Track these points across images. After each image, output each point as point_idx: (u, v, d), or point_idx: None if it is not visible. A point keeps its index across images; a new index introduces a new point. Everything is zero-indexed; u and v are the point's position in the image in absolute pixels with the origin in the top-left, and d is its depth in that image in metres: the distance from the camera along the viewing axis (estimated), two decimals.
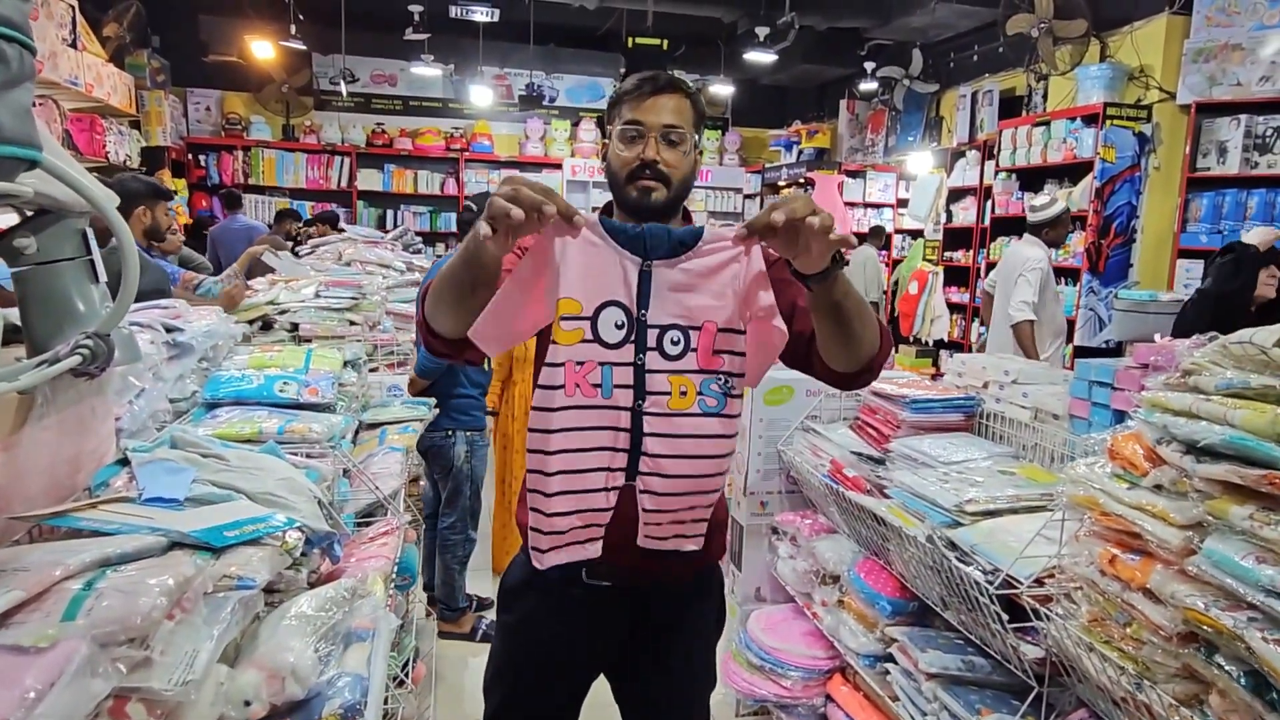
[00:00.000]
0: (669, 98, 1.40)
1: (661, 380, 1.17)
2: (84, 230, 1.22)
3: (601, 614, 1.49)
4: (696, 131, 1.44)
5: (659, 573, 1.44)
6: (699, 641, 1.59)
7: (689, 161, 1.43)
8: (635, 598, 1.48)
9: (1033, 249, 4.11)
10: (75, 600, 0.80)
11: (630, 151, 1.40)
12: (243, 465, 1.32)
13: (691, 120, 1.43)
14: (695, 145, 1.45)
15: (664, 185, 1.41)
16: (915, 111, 8.48)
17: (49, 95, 5.15)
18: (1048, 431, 2.03)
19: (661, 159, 1.39)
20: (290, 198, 9.34)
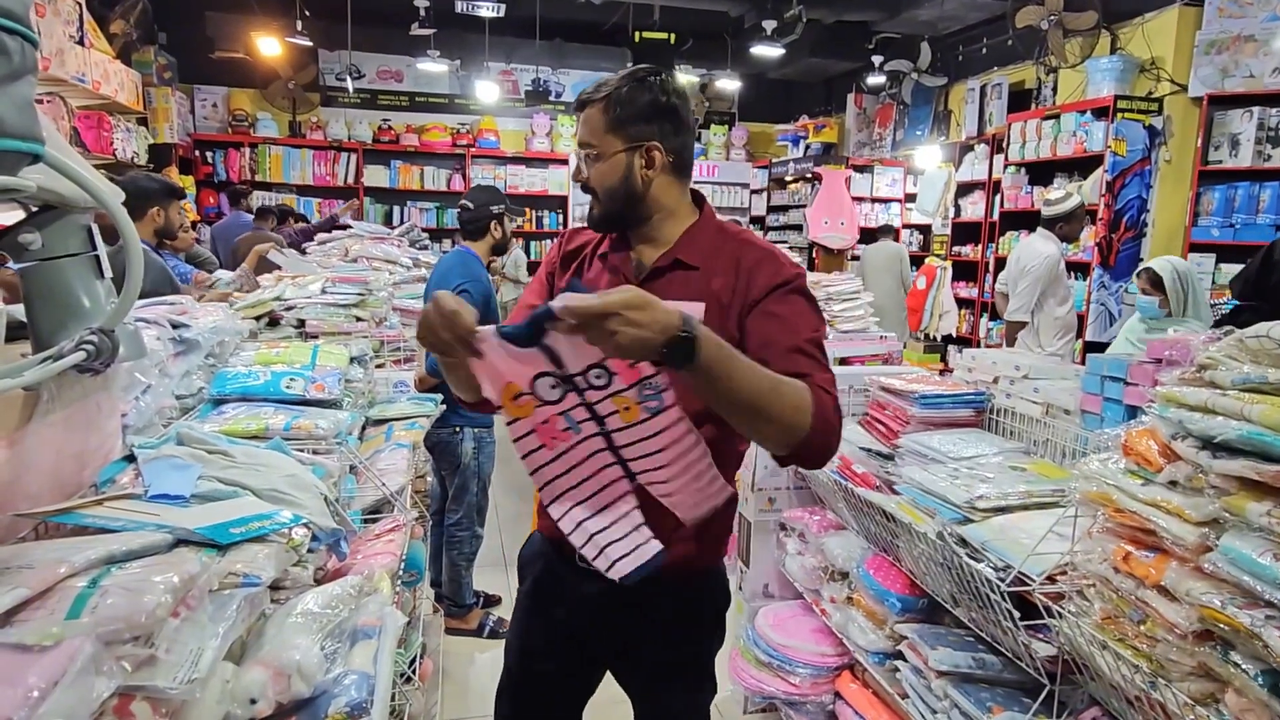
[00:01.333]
0: (583, 113, 1.43)
1: (608, 404, 1.22)
2: (89, 226, 1.21)
3: (598, 600, 1.48)
4: (617, 131, 1.39)
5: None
6: (692, 645, 1.55)
7: (609, 171, 1.40)
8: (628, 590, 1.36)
9: (1046, 244, 4.08)
10: (80, 598, 0.79)
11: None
12: (249, 462, 1.31)
13: (605, 127, 1.39)
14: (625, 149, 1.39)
15: (595, 200, 1.44)
16: (923, 105, 8.43)
17: (56, 92, 5.16)
18: (1059, 427, 2.01)
19: (585, 177, 1.44)
20: (297, 194, 9.35)
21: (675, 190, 1.45)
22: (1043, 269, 4.00)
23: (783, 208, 10.33)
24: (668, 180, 1.43)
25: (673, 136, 1.41)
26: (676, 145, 1.42)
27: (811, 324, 1.37)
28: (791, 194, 10.04)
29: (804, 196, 9.48)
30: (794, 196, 9.96)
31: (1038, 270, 4.00)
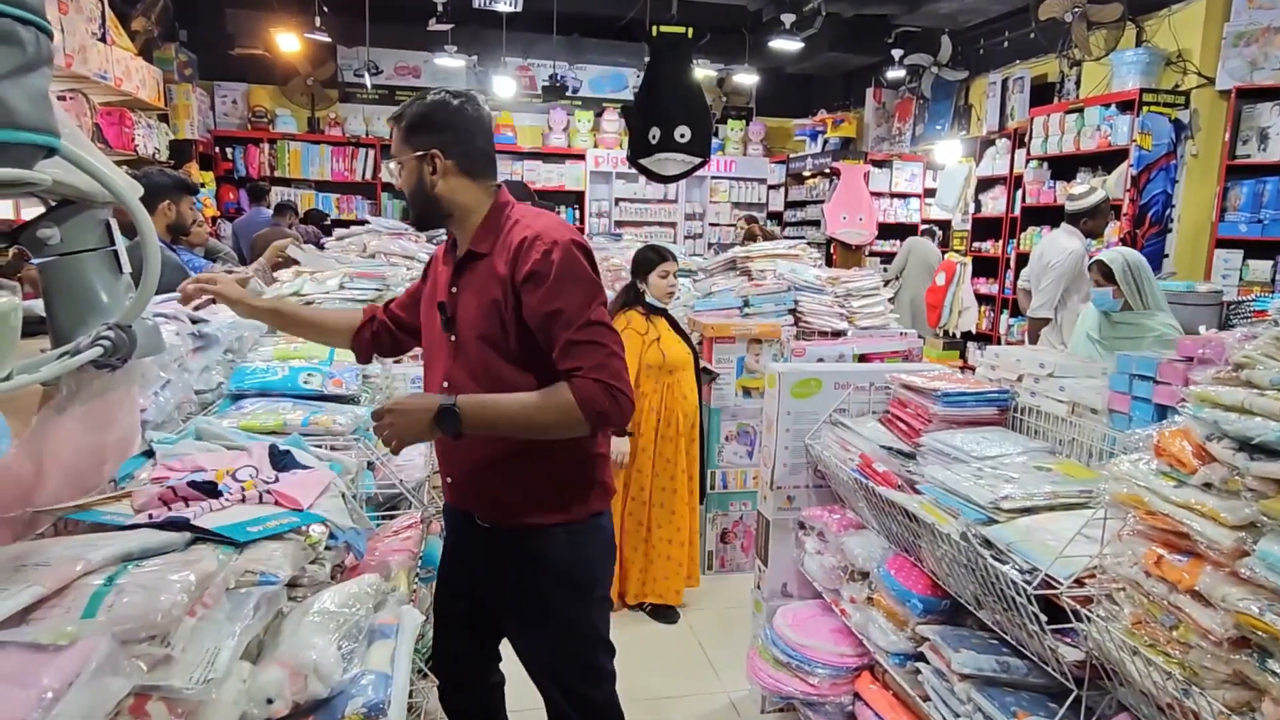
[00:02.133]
0: (391, 133, 1.67)
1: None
2: (107, 221, 1.21)
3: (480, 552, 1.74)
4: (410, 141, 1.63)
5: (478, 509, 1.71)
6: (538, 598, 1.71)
7: (406, 175, 1.64)
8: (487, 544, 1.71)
9: (1070, 240, 4.02)
10: (96, 596, 0.79)
11: None
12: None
13: (400, 139, 1.64)
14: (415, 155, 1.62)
15: (408, 203, 1.69)
16: (944, 100, 8.34)
17: (79, 89, 5.20)
18: (1086, 426, 1.97)
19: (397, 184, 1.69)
20: (315, 190, 9.40)
21: (472, 190, 1.65)
22: (1066, 265, 3.93)
23: (800, 203, 10.26)
24: (459, 182, 1.64)
25: (454, 145, 1.62)
26: (459, 152, 1.63)
27: (580, 301, 1.55)
28: (809, 189, 9.97)
29: (822, 192, 9.42)
30: (812, 192, 9.89)
31: (1061, 266, 3.94)
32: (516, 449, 1.62)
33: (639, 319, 3.21)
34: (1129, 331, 3.01)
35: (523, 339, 1.59)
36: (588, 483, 1.73)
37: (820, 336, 3.77)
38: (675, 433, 3.24)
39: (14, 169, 0.68)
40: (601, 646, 1.80)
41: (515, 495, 1.66)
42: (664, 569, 3.30)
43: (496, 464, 1.65)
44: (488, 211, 1.66)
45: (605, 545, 1.79)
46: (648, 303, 3.24)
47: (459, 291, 1.66)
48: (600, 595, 1.79)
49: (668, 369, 3.19)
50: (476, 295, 1.62)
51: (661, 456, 3.26)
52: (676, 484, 3.28)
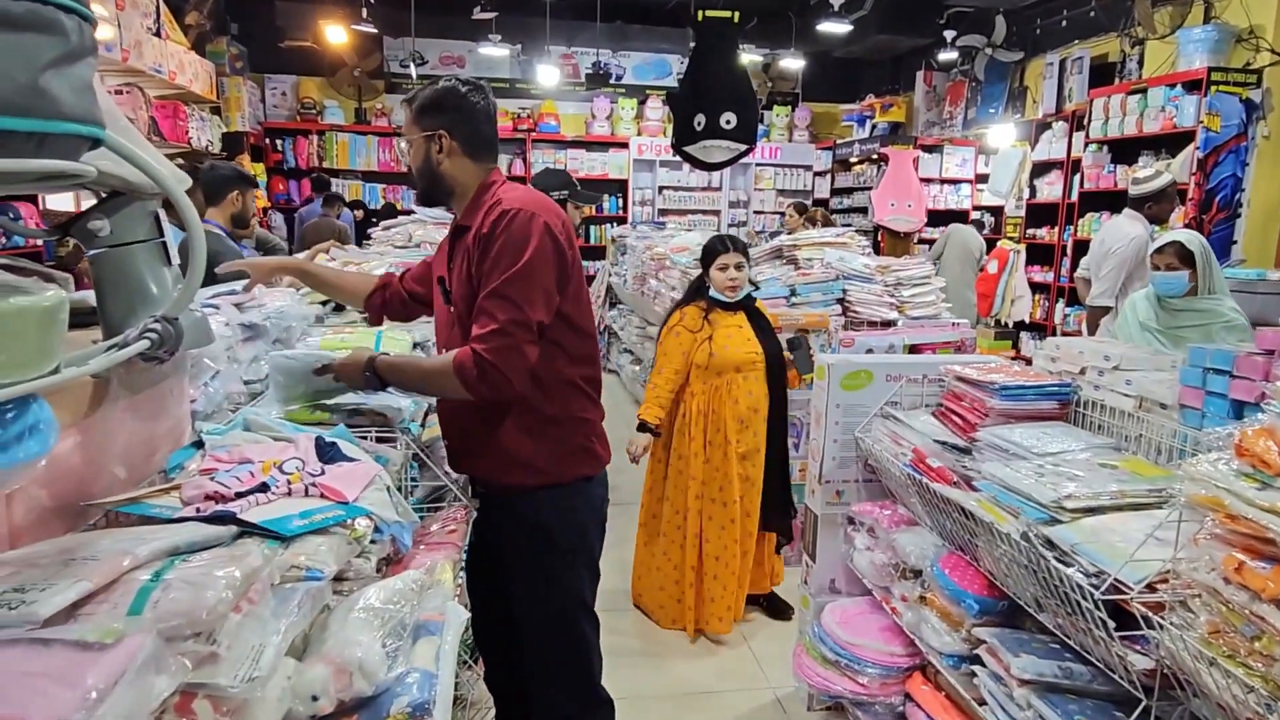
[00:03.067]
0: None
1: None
2: (156, 212, 1.21)
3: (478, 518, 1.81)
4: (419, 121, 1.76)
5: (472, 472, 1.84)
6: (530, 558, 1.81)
7: (414, 153, 1.77)
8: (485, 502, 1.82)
9: (1133, 225, 3.85)
10: (142, 592, 0.78)
11: None
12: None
13: (410, 119, 1.77)
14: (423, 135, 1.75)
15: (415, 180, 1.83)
16: (998, 82, 8.10)
17: (134, 83, 5.32)
18: (1154, 422, 1.88)
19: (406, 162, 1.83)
20: (362, 180, 9.52)
21: (472, 170, 1.77)
22: (1129, 251, 3.78)
23: (847, 190, 10.09)
24: (462, 162, 1.75)
25: (459, 127, 1.74)
26: (463, 134, 1.74)
27: (504, 268, 1.64)
28: (856, 176, 9.79)
29: (869, 178, 9.24)
30: (859, 178, 9.71)
31: (1124, 253, 3.78)
32: (502, 410, 1.73)
33: (693, 315, 3.04)
34: (1194, 319, 2.86)
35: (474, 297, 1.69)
36: (573, 447, 1.82)
37: (869, 326, 3.69)
38: (723, 439, 3.02)
39: (56, 160, 0.67)
40: (584, 613, 1.88)
41: (501, 456, 1.76)
42: (711, 589, 3.06)
43: (487, 425, 1.75)
44: (478, 188, 1.77)
45: (594, 513, 1.87)
46: (712, 297, 3.06)
47: (453, 265, 1.78)
48: (586, 561, 1.87)
49: (715, 370, 2.99)
50: (460, 265, 1.73)
51: (710, 464, 3.05)
52: (725, 496, 3.03)
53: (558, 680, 1.87)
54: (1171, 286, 2.90)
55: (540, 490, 1.78)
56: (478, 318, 1.65)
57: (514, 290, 1.63)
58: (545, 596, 1.83)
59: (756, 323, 3.10)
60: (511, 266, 1.63)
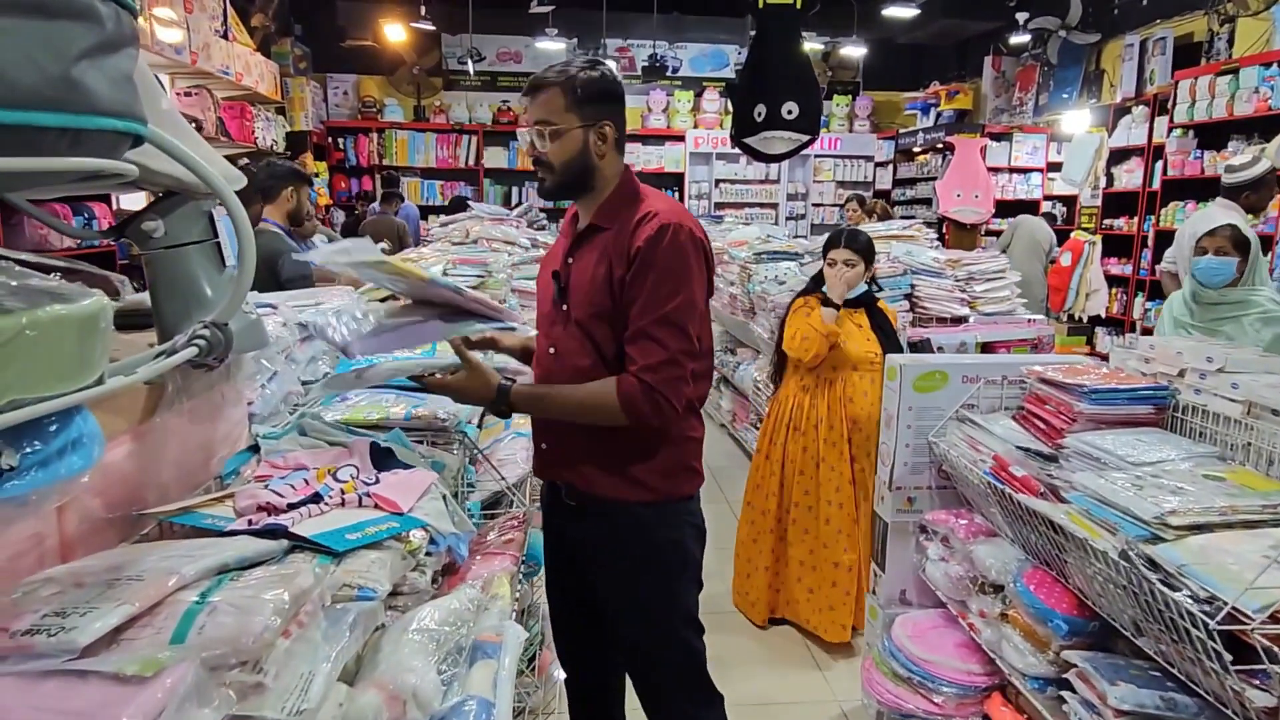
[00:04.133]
0: (537, 94, 1.61)
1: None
2: (210, 213, 1.18)
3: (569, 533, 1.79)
4: (576, 110, 1.59)
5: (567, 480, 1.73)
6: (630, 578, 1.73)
7: (566, 145, 1.60)
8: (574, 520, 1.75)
9: (1226, 215, 3.59)
10: (188, 615, 0.74)
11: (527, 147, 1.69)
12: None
13: (563, 106, 1.58)
14: (582, 126, 1.60)
15: (547, 172, 1.64)
16: (1072, 66, 7.75)
17: (203, 85, 5.45)
18: (1265, 430, 1.73)
19: (537, 152, 1.63)
20: (421, 177, 9.62)
21: (617, 163, 1.67)
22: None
23: (910, 181, 9.80)
24: (613, 155, 1.65)
25: (619, 117, 1.66)
26: (621, 125, 1.66)
27: (665, 293, 1.56)
28: (920, 166, 9.51)
29: (934, 168, 8.95)
30: (923, 169, 9.43)
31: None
32: (621, 427, 1.62)
33: (814, 305, 2.95)
34: (1228, 311, 2.70)
35: (616, 312, 1.62)
36: (682, 466, 1.75)
37: (939, 323, 3.53)
38: (838, 436, 2.94)
39: (92, 158, 0.63)
40: (691, 626, 1.83)
41: (609, 471, 1.68)
42: (794, 591, 3.01)
43: (597, 440, 1.66)
44: (617, 186, 1.67)
45: (696, 529, 1.81)
46: (823, 293, 2.96)
47: (574, 263, 1.68)
48: (690, 577, 1.82)
49: (831, 363, 2.91)
50: (592, 267, 1.63)
51: (794, 465, 2.98)
52: (811, 499, 2.96)
53: (673, 688, 1.83)
54: (1218, 273, 2.73)
55: (646, 506, 1.70)
56: (639, 342, 1.56)
57: (683, 317, 1.57)
58: (654, 614, 1.77)
59: (876, 322, 2.98)
60: (678, 291, 1.56)
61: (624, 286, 1.58)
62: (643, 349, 1.56)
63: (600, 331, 1.62)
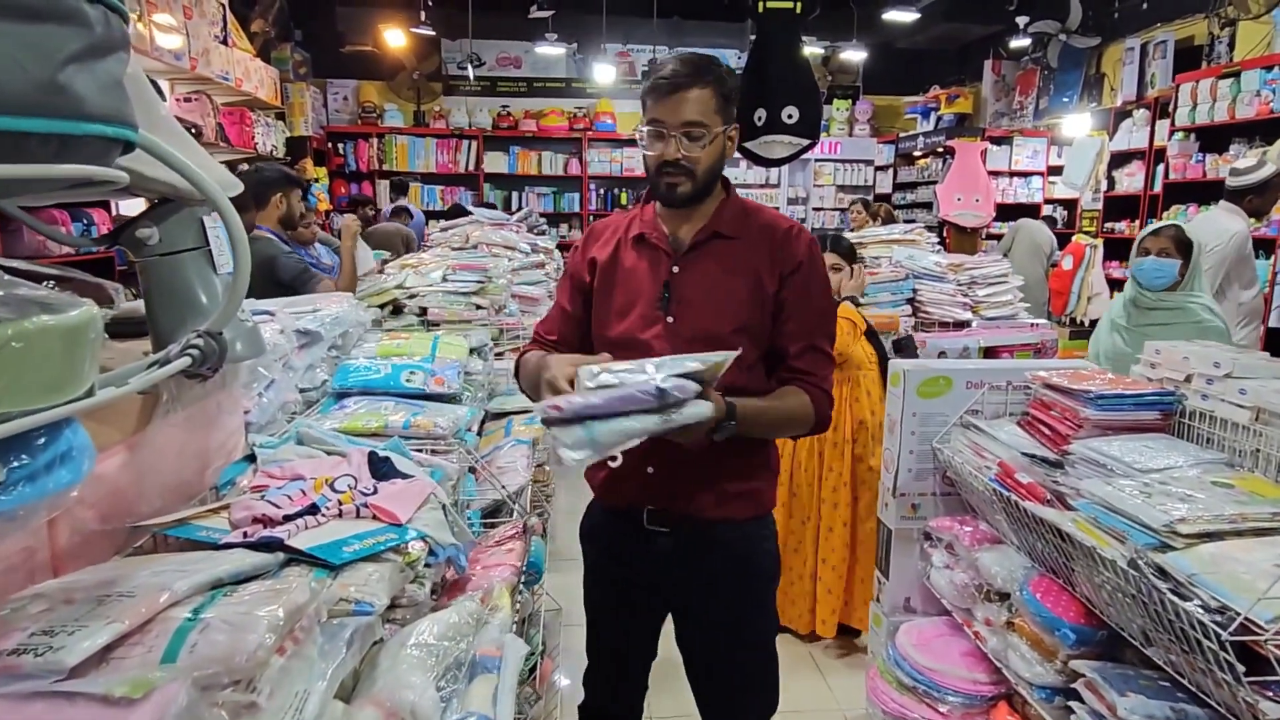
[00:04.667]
0: (687, 92, 1.46)
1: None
2: (202, 219, 1.17)
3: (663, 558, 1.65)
4: (723, 112, 1.51)
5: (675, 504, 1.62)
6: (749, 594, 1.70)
7: (713, 149, 1.51)
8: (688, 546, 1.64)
9: (1231, 219, 3.58)
10: (179, 633, 0.72)
11: (654, 150, 1.52)
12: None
13: (715, 107, 1.49)
14: (724, 129, 1.52)
15: (688, 178, 1.51)
16: (1072, 69, 7.74)
17: (202, 90, 5.44)
18: (1273, 436, 1.71)
19: (683, 156, 1.49)
20: (421, 182, 9.61)
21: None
22: (1229, 248, 3.50)
23: (910, 185, 9.79)
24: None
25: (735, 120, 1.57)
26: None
27: (827, 307, 1.62)
28: (920, 170, 9.50)
29: (934, 172, 8.94)
30: (923, 173, 9.42)
31: (1222, 250, 3.50)
32: (749, 443, 1.57)
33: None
34: (1163, 317, 2.69)
35: (764, 326, 1.58)
36: (774, 477, 1.76)
37: (941, 328, 3.52)
38: (841, 438, 2.94)
39: (81, 165, 0.61)
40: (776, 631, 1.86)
41: (723, 490, 1.62)
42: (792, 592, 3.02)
43: (715, 453, 1.49)
44: (730, 194, 1.63)
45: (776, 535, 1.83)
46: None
47: (685, 272, 1.57)
48: (779, 584, 1.84)
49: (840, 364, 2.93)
50: (724, 279, 1.56)
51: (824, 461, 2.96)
52: (838, 497, 2.96)
53: (756, 696, 1.82)
54: (1160, 274, 2.72)
55: (751, 521, 1.68)
56: (808, 355, 1.58)
57: (833, 327, 1.65)
58: (756, 626, 1.76)
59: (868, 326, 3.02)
60: (826, 302, 1.61)
61: (778, 300, 1.56)
62: (814, 361, 1.58)
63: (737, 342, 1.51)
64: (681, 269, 1.57)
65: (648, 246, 1.60)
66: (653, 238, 1.60)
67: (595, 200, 10.13)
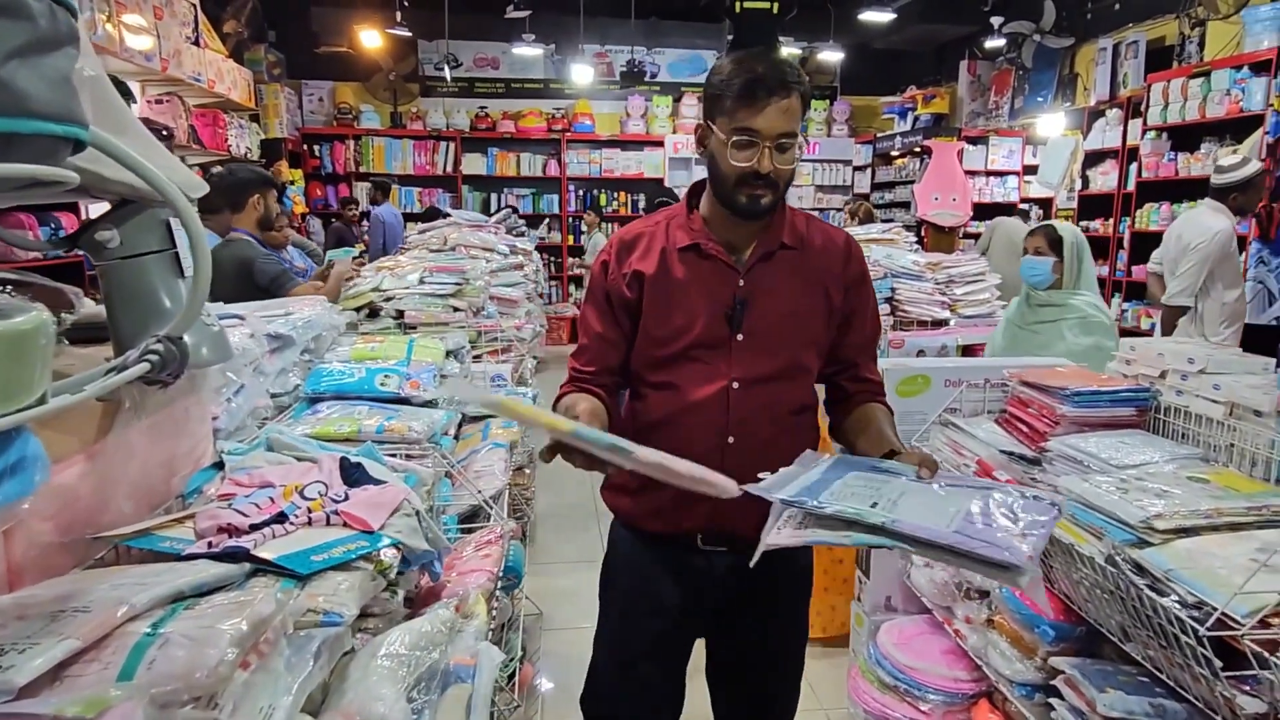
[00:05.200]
0: (783, 101, 1.36)
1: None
2: (167, 221, 1.14)
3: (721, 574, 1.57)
4: (802, 118, 1.43)
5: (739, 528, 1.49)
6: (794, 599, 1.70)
7: (793, 159, 1.42)
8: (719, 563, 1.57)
9: (1215, 218, 3.57)
10: (137, 649, 0.69)
11: (742, 159, 1.38)
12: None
13: (800, 115, 1.41)
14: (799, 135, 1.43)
15: (773, 191, 1.41)
16: (1046, 69, 7.82)
17: (174, 92, 5.36)
18: (1247, 431, 1.72)
19: (774, 169, 1.38)
20: (399, 184, 9.54)
21: None
22: (1213, 247, 3.49)
23: (888, 184, 9.85)
24: None
25: None
26: None
27: (877, 315, 1.64)
28: (898, 170, 9.55)
29: (911, 172, 9.00)
30: (900, 172, 9.47)
31: (1206, 248, 3.50)
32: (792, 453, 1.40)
33: None
34: (1049, 314, 2.73)
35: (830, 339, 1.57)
36: None
37: (919, 326, 3.53)
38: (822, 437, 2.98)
39: (25, 165, 0.58)
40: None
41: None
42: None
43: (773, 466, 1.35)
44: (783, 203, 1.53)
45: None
46: None
47: (753, 285, 1.47)
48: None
49: None
50: (794, 295, 1.49)
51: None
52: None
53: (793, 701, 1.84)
54: (1034, 271, 2.77)
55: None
56: (873, 366, 1.62)
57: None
58: (801, 632, 1.78)
59: None
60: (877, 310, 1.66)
61: (842, 312, 1.55)
62: (874, 369, 1.61)
63: (805, 356, 1.53)
64: (748, 283, 1.47)
65: (705, 259, 1.48)
66: (709, 249, 1.47)
67: (574, 201, 10.10)
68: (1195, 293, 3.58)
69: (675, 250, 1.49)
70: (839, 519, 1.04)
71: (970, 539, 0.95)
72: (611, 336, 1.51)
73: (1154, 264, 3.97)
